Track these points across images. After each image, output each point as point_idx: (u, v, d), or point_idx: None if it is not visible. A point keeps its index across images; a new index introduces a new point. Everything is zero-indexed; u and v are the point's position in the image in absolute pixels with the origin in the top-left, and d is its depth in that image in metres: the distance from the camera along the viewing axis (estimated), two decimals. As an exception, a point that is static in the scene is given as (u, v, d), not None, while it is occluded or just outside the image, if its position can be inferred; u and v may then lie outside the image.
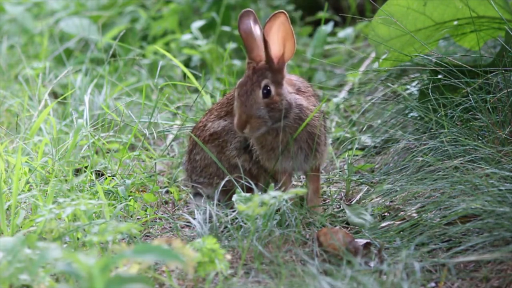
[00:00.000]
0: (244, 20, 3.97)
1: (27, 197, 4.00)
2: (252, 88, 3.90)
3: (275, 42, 3.91)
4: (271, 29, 3.89)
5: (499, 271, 3.45)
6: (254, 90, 3.89)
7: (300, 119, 3.96)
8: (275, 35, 3.90)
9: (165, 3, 7.05)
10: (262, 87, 3.90)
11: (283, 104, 3.91)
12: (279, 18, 3.88)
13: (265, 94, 3.90)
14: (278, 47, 3.92)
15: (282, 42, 3.92)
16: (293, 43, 3.92)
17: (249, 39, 3.96)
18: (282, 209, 3.77)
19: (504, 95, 4.21)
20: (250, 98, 3.88)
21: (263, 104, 3.89)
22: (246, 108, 3.88)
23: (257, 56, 3.95)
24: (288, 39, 3.92)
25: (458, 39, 4.76)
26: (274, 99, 3.90)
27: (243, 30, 3.97)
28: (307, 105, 3.99)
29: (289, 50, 3.93)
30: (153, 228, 4.11)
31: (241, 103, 3.89)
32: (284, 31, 3.90)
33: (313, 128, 3.99)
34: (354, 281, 3.36)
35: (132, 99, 5.12)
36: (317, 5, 6.93)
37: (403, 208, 3.99)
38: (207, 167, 4.14)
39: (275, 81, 3.92)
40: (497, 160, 3.90)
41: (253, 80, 3.91)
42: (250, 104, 3.88)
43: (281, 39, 3.91)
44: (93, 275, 2.85)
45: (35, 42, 6.99)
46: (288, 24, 3.90)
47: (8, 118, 5.31)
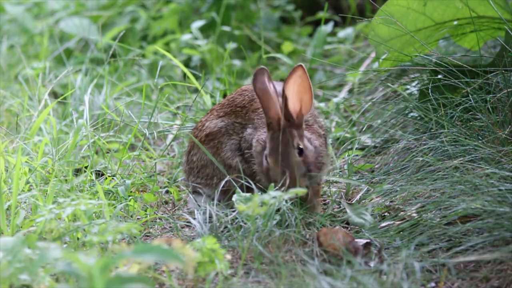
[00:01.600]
0: (259, 78, 3.90)
1: (27, 197, 4.00)
2: (287, 151, 3.85)
3: (292, 97, 3.87)
4: (289, 85, 3.85)
5: (499, 271, 3.45)
6: (289, 152, 3.86)
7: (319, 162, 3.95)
8: (291, 89, 3.86)
9: (165, 3, 7.04)
10: (296, 147, 3.87)
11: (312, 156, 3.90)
12: (297, 72, 3.84)
13: (300, 153, 3.87)
14: (296, 102, 3.88)
15: (299, 97, 3.88)
16: (310, 96, 3.88)
17: (266, 98, 3.89)
18: (282, 209, 3.77)
19: (504, 95, 4.21)
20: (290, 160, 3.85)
21: (301, 163, 3.87)
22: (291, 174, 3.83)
23: (275, 114, 3.89)
24: (306, 92, 3.87)
25: (458, 39, 4.76)
26: (306, 154, 3.88)
27: (259, 89, 3.90)
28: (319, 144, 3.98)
29: (306, 103, 3.89)
30: (153, 228, 4.11)
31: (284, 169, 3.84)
32: (301, 84, 3.86)
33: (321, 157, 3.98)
34: (354, 281, 3.36)
35: (132, 99, 5.12)
36: (317, 5, 6.93)
37: (403, 208, 3.99)
38: (204, 168, 4.14)
39: (300, 136, 3.89)
40: (497, 160, 3.90)
41: (285, 142, 3.86)
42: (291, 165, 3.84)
43: (298, 94, 3.87)
44: (93, 275, 2.85)
45: (35, 42, 6.99)
46: (306, 77, 3.85)
47: (8, 118, 5.31)
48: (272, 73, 6.21)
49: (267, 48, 6.39)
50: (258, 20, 6.65)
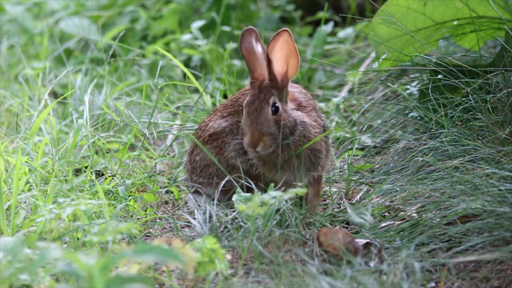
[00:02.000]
0: (246, 39, 3.96)
1: (27, 197, 4.00)
2: (261, 106, 3.89)
3: (279, 60, 3.90)
4: (275, 47, 3.88)
5: (499, 271, 3.45)
6: (263, 108, 3.89)
7: (303, 136, 3.96)
8: (279, 53, 3.90)
9: (165, 3, 7.04)
10: (270, 104, 3.90)
11: (289, 121, 3.92)
12: (283, 36, 3.88)
13: (274, 111, 3.90)
14: (281, 65, 3.91)
15: (286, 60, 3.91)
16: (296, 60, 3.92)
17: (251, 58, 3.95)
18: (282, 209, 3.77)
19: (504, 95, 4.21)
20: (261, 116, 3.88)
21: (273, 121, 3.89)
22: (257, 126, 3.88)
23: (260, 75, 3.94)
24: (292, 56, 3.91)
25: (458, 39, 4.76)
26: (282, 116, 3.91)
27: (245, 49, 3.95)
28: (310, 122, 4.00)
29: (293, 68, 3.93)
30: (153, 228, 4.11)
31: (252, 121, 3.88)
32: (287, 48, 3.89)
33: (315, 144, 3.99)
34: (354, 281, 3.36)
35: (132, 99, 5.12)
36: (317, 5, 6.93)
37: (403, 208, 3.99)
38: (207, 168, 4.14)
39: (280, 98, 3.92)
40: (497, 160, 3.90)
41: (260, 98, 3.90)
42: (261, 121, 3.88)
43: (284, 57, 3.91)
44: (93, 275, 2.85)
45: (35, 42, 6.99)
46: (291, 41, 3.89)
47: (8, 118, 5.31)
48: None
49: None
50: (258, 20, 6.64)
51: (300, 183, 4.02)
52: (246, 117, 3.91)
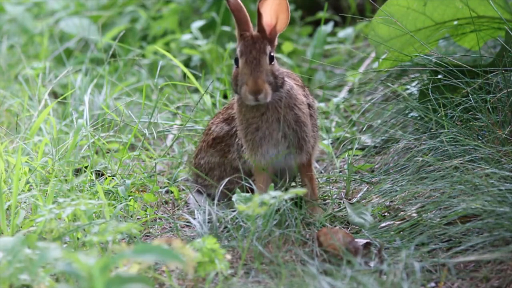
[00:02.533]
0: None
1: (27, 197, 4.00)
2: (259, 55, 3.90)
3: (268, 13, 3.93)
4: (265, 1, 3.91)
5: (499, 271, 3.45)
6: (261, 57, 3.90)
7: (290, 97, 3.96)
8: (269, 6, 3.93)
9: (165, 3, 7.04)
10: (268, 53, 3.91)
11: (281, 73, 3.94)
12: None
13: (271, 60, 3.92)
14: (271, 18, 3.94)
15: (276, 14, 3.94)
16: (286, 15, 3.95)
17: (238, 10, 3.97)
18: (282, 209, 3.77)
19: (504, 95, 4.21)
20: (260, 65, 3.88)
21: (270, 71, 3.91)
22: (259, 74, 3.87)
23: (247, 27, 3.97)
24: (282, 11, 3.94)
25: (458, 39, 4.76)
26: (275, 67, 3.93)
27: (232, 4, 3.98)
28: (296, 88, 4.01)
29: (282, 22, 3.96)
30: (153, 228, 4.11)
31: (253, 69, 3.88)
32: (277, 3, 3.93)
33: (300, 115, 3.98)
34: (354, 281, 3.36)
35: (132, 99, 5.12)
36: (317, 5, 6.92)
37: (403, 208, 3.99)
38: (212, 171, 4.15)
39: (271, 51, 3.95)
40: (497, 160, 3.90)
41: (257, 48, 3.91)
42: (261, 70, 3.88)
43: (274, 11, 3.94)
44: (93, 275, 2.85)
45: (35, 42, 6.99)
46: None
47: (8, 118, 5.31)
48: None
49: (267, 48, 6.38)
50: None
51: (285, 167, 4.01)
52: (245, 66, 3.89)
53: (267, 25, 3.95)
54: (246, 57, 3.90)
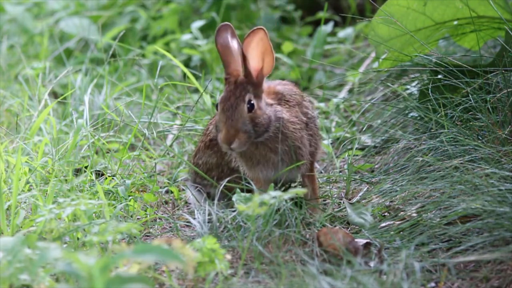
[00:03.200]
0: (222, 34, 3.95)
1: (27, 197, 4.00)
2: (237, 103, 3.87)
3: (254, 56, 3.89)
4: (250, 44, 3.87)
5: (499, 271, 3.45)
6: (239, 105, 3.87)
7: (281, 132, 3.94)
8: (254, 50, 3.89)
9: (165, 3, 7.04)
10: (246, 101, 3.88)
11: (264, 119, 3.90)
12: (258, 34, 3.87)
13: (249, 108, 3.88)
14: (257, 61, 3.91)
15: (261, 57, 3.90)
16: (272, 58, 3.91)
17: (226, 53, 3.93)
18: (282, 209, 3.77)
19: (504, 95, 4.21)
20: (236, 113, 3.86)
21: (248, 119, 3.87)
22: (233, 123, 3.85)
23: (234, 71, 3.92)
24: (267, 54, 3.90)
25: (458, 39, 4.76)
26: (257, 113, 3.89)
27: (220, 44, 3.93)
28: (288, 117, 3.97)
29: (268, 65, 3.92)
30: (153, 228, 4.11)
31: (227, 117, 3.86)
32: (263, 46, 3.89)
33: (293, 141, 3.97)
34: (354, 281, 3.36)
35: (132, 99, 5.12)
36: (317, 5, 6.92)
37: (403, 208, 3.99)
38: (210, 171, 4.15)
39: (255, 95, 3.91)
40: (497, 160, 3.90)
41: (236, 95, 3.88)
42: (236, 118, 3.86)
43: (260, 54, 3.90)
44: (93, 275, 2.85)
45: (35, 42, 6.99)
46: (267, 39, 3.88)
47: (8, 118, 5.31)
48: (272, 73, 6.20)
49: (267, 48, 6.38)
50: (258, 20, 6.64)
51: (294, 183, 4.02)
52: (221, 113, 3.88)
53: (253, 69, 3.91)
54: (223, 105, 3.88)
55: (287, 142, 3.96)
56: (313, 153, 4.08)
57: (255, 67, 3.91)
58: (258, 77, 3.92)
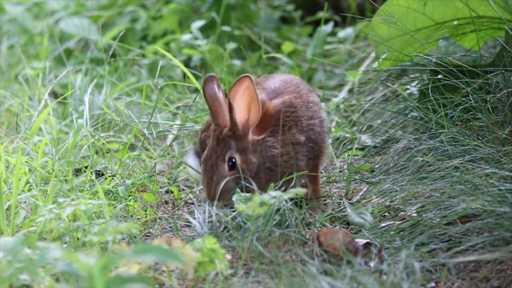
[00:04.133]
0: (209, 85, 3.90)
1: (27, 197, 4.00)
2: (217, 163, 3.86)
3: (240, 107, 3.84)
4: (237, 93, 3.82)
5: (499, 271, 3.45)
6: (219, 165, 3.85)
7: (271, 170, 3.92)
8: (240, 100, 3.83)
9: (165, 3, 7.04)
10: (226, 160, 3.86)
11: (250, 170, 3.88)
12: (244, 82, 3.81)
13: (231, 167, 3.86)
14: (243, 112, 3.86)
15: (247, 107, 3.85)
16: (258, 107, 3.85)
17: (215, 105, 3.89)
18: (282, 209, 3.77)
19: (504, 95, 4.21)
20: (217, 173, 3.85)
21: (230, 176, 3.86)
22: (214, 184, 3.84)
23: (223, 122, 3.89)
24: (253, 103, 3.84)
25: (458, 39, 4.76)
26: (242, 167, 3.87)
27: (209, 95, 3.89)
28: (279, 151, 3.93)
29: (254, 115, 3.86)
30: (153, 228, 4.11)
31: (209, 179, 3.85)
32: (249, 95, 3.83)
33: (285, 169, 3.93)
34: (354, 281, 3.36)
35: (132, 99, 5.12)
36: (317, 5, 6.93)
37: (403, 208, 3.99)
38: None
39: (240, 148, 3.87)
40: (497, 160, 3.90)
41: (217, 153, 3.86)
42: (217, 179, 3.85)
43: (246, 104, 3.85)
44: (93, 275, 2.85)
45: (35, 42, 6.99)
46: (253, 88, 3.82)
47: (8, 118, 5.30)
48: (272, 73, 6.21)
49: (267, 48, 6.39)
50: (258, 20, 6.64)
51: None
52: (203, 174, 3.88)
53: (239, 121, 3.86)
54: (205, 165, 3.87)
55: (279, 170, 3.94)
56: (317, 155, 4.05)
57: (241, 118, 3.86)
58: (244, 128, 3.88)
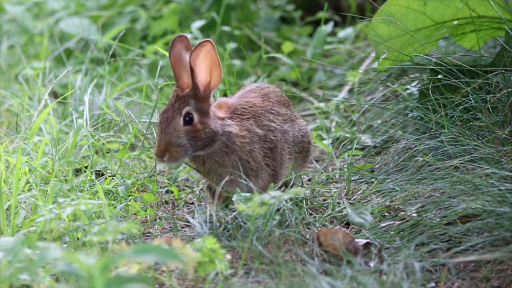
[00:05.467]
0: (176, 46, 3.92)
1: (27, 197, 4.00)
2: (173, 116, 3.86)
3: (202, 70, 3.87)
4: (198, 57, 3.85)
5: (499, 271, 3.45)
6: (174, 118, 3.86)
7: (226, 146, 3.93)
8: (202, 63, 3.86)
9: (165, 3, 7.04)
10: (183, 114, 3.86)
11: (206, 133, 3.88)
12: (205, 46, 3.84)
13: (187, 122, 3.87)
14: (204, 75, 3.88)
15: (209, 70, 3.88)
16: (219, 71, 3.88)
17: (177, 66, 3.92)
18: (282, 209, 3.77)
19: (504, 95, 4.21)
20: (170, 126, 3.85)
21: (184, 132, 3.86)
22: (165, 136, 3.84)
23: (184, 84, 3.91)
24: (215, 67, 3.88)
25: (458, 39, 4.76)
26: (196, 127, 3.87)
27: (173, 56, 3.91)
28: (237, 132, 3.95)
29: (216, 79, 3.90)
30: (153, 228, 4.11)
31: (161, 130, 3.85)
32: (210, 59, 3.86)
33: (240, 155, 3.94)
34: (354, 281, 3.36)
35: (132, 99, 5.12)
36: (317, 5, 6.93)
37: (403, 208, 3.99)
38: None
39: (199, 109, 3.88)
40: (497, 160, 3.90)
41: (174, 108, 3.87)
42: (169, 131, 3.84)
43: (207, 67, 3.88)
44: (93, 275, 2.85)
45: (35, 42, 6.99)
46: (214, 52, 3.86)
47: (8, 118, 5.31)
48: (272, 73, 6.21)
49: (267, 48, 6.40)
50: (258, 20, 6.64)
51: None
52: (157, 126, 3.88)
53: (201, 83, 3.89)
54: (160, 118, 3.88)
55: (234, 156, 3.94)
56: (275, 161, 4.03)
57: (202, 80, 3.88)
58: (206, 90, 3.90)
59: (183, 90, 3.90)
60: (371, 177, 4.40)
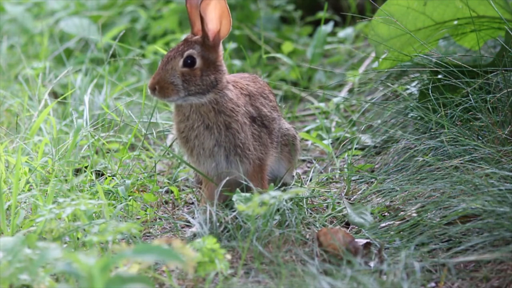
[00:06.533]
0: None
1: (27, 197, 4.00)
2: (175, 56, 3.94)
3: (212, 18, 3.95)
4: (208, 5, 3.93)
5: (499, 271, 3.45)
6: (175, 58, 3.94)
7: (216, 103, 3.95)
8: (212, 12, 3.94)
9: (165, 3, 7.05)
10: (184, 56, 3.93)
11: (203, 80, 3.92)
12: None
13: (187, 64, 3.94)
14: (214, 23, 3.97)
15: (219, 19, 3.97)
16: (229, 21, 3.98)
17: (193, 13, 4.01)
18: (282, 209, 3.77)
19: (504, 95, 4.21)
20: (169, 64, 3.93)
21: (180, 73, 3.92)
22: (161, 72, 3.93)
23: (197, 32, 4.00)
24: (225, 16, 3.97)
25: (458, 39, 4.76)
26: (195, 72, 3.93)
27: (189, 4, 4.01)
28: (231, 97, 3.98)
29: (225, 27, 3.98)
30: (153, 228, 4.11)
31: (160, 66, 3.94)
32: (220, 9, 3.96)
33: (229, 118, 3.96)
34: (354, 281, 3.36)
35: (132, 99, 5.12)
36: (317, 5, 6.93)
37: (403, 208, 3.99)
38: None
39: (205, 56, 3.95)
40: (497, 160, 3.90)
41: (179, 49, 3.96)
42: (167, 69, 3.93)
43: (217, 16, 3.96)
44: (93, 275, 2.85)
45: (35, 42, 6.99)
46: (224, 2, 3.96)
47: (8, 118, 5.31)
48: (272, 73, 6.21)
49: (267, 48, 6.40)
50: (258, 20, 6.64)
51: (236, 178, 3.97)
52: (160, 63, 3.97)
53: (210, 31, 3.96)
54: (165, 56, 3.97)
55: (221, 118, 3.96)
56: (259, 157, 4.04)
57: (212, 29, 3.97)
58: (215, 39, 3.98)
59: (194, 36, 3.98)
60: (371, 177, 4.40)
